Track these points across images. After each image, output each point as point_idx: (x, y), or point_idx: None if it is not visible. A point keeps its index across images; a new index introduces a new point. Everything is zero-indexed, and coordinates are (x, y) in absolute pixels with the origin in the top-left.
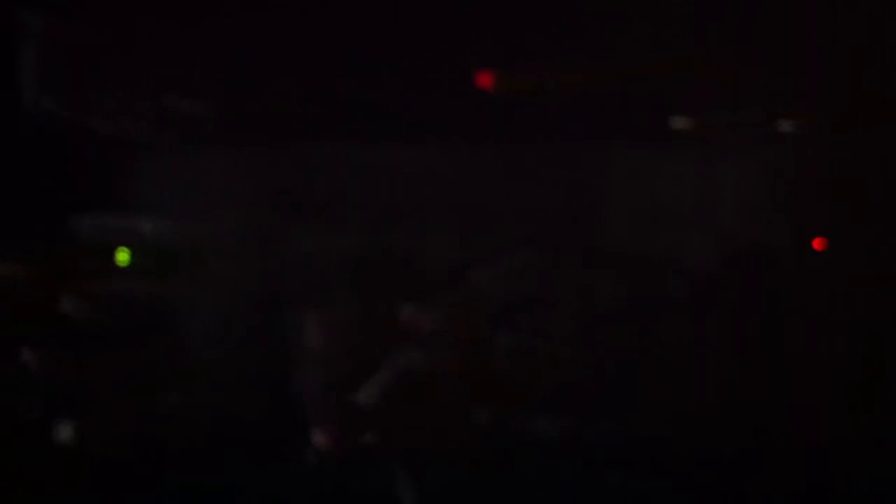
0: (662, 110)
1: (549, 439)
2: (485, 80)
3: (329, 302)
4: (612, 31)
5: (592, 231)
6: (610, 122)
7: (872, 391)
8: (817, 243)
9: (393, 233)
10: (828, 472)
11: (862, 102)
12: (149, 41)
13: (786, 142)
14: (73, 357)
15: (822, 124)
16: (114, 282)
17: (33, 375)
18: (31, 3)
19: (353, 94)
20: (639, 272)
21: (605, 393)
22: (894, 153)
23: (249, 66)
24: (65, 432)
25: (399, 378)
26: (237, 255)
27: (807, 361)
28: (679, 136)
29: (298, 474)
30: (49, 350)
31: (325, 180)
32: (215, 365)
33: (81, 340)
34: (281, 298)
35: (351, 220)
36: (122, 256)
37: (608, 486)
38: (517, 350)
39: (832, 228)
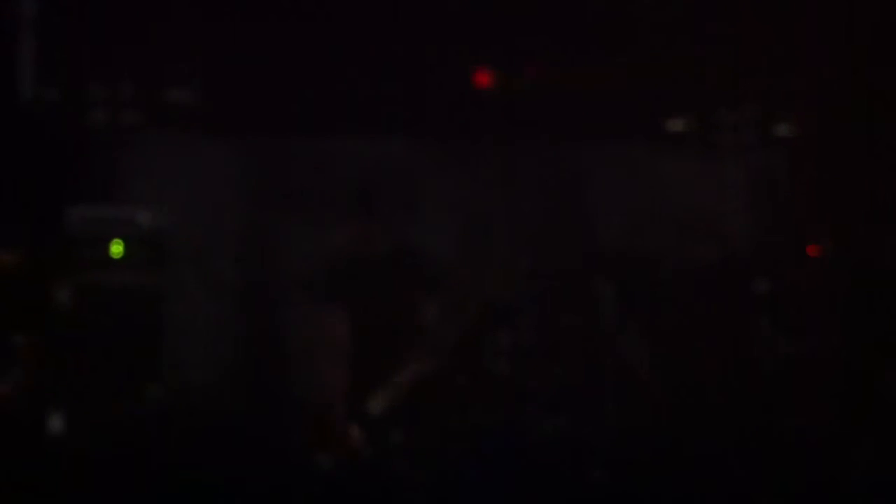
0: (662, 110)
1: (548, 439)
2: (484, 79)
3: (325, 301)
4: (611, 31)
5: (591, 231)
6: (609, 122)
7: (872, 391)
8: (811, 250)
9: (392, 232)
10: (827, 471)
11: (861, 103)
12: (148, 35)
13: (785, 142)
14: (66, 347)
15: (821, 125)
16: (107, 273)
17: (26, 365)
18: None
19: (354, 92)
20: (637, 272)
21: (604, 393)
22: (893, 154)
23: (251, 62)
24: (55, 423)
25: (411, 388)
26: (234, 251)
27: (806, 361)
28: (679, 136)
29: (304, 475)
30: (42, 340)
31: (325, 178)
32: (212, 361)
33: (74, 331)
34: (275, 295)
35: (350, 217)
36: (117, 248)
37: (606, 486)
38: (517, 350)
39: (831, 228)
